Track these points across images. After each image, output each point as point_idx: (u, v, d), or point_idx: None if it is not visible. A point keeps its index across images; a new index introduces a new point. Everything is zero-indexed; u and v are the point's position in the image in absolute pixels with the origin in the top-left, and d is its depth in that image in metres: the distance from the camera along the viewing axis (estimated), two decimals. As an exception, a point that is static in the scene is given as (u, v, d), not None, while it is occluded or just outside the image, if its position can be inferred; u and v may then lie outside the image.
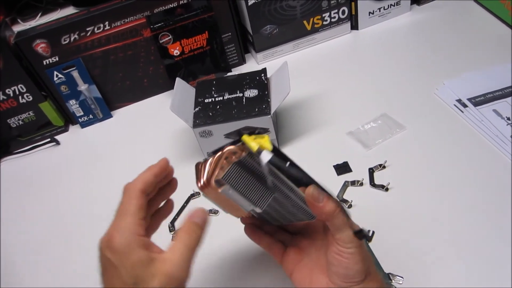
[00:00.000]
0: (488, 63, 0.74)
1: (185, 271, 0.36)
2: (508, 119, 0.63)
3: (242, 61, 0.88)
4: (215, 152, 0.41)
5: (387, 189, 0.58)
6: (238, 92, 0.67)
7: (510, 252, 0.49)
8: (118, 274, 0.35)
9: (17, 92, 0.76)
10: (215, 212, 0.61)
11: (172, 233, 0.60)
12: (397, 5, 0.88)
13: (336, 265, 0.40)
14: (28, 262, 0.62)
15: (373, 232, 0.54)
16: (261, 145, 0.39)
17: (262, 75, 0.69)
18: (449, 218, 0.54)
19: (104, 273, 0.37)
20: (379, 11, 0.88)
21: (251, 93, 0.66)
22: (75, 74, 0.78)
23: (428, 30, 0.85)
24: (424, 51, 0.80)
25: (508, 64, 0.72)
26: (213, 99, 0.67)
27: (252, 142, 0.39)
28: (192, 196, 0.64)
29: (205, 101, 0.67)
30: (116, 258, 0.35)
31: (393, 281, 0.49)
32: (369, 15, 0.88)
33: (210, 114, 0.65)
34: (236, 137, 0.41)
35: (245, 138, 0.40)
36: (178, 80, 0.69)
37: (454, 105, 0.68)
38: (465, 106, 0.67)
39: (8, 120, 0.79)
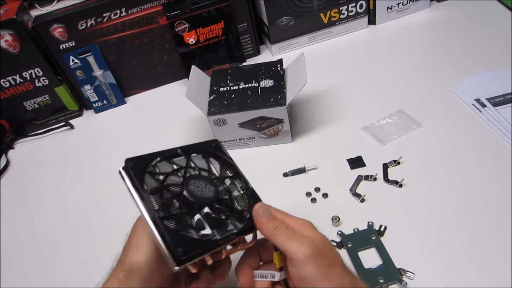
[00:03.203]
0: (508, 64, 0.72)
1: None
2: (527, 119, 0.62)
3: (257, 52, 0.88)
4: None
5: (401, 185, 0.58)
6: (253, 81, 0.67)
7: (525, 253, 0.49)
8: None
9: (34, 76, 0.77)
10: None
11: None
12: (416, 1, 0.87)
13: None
14: (40, 241, 0.63)
15: (385, 227, 0.53)
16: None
17: (278, 65, 0.69)
18: (462, 217, 0.53)
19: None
20: (398, 6, 0.87)
21: (267, 83, 0.66)
22: (91, 59, 0.78)
23: (447, 28, 0.84)
24: (442, 48, 0.79)
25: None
26: (228, 88, 0.67)
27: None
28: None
29: (220, 89, 0.67)
30: None
31: (404, 276, 0.48)
32: (387, 10, 0.87)
33: (225, 102, 0.64)
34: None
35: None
36: (194, 68, 0.69)
37: (472, 104, 0.67)
38: (483, 106, 0.66)
39: (24, 103, 0.80)
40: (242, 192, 0.44)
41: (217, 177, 0.43)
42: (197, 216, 0.38)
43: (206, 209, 0.39)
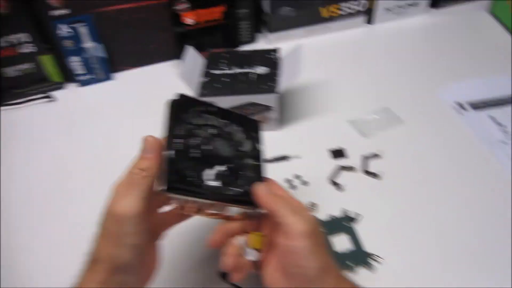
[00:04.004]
0: (491, 72, 0.75)
1: None
2: (503, 125, 0.66)
3: (253, 40, 0.89)
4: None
5: (378, 177, 0.61)
6: (248, 67, 0.68)
7: (492, 246, 0.52)
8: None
9: (21, 41, 0.72)
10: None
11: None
12: (414, 5, 0.89)
13: (290, 266, 0.37)
14: (11, 218, 0.60)
15: (360, 216, 0.56)
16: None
17: (275, 54, 0.70)
18: (432, 210, 0.56)
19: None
20: (396, 8, 0.89)
21: (261, 70, 0.68)
22: (84, 30, 0.75)
23: (440, 34, 0.86)
24: (433, 53, 0.82)
25: (509, 75, 0.74)
26: (222, 71, 0.68)
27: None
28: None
29: (215, 72, 0.68)
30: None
31: (372, 261, 0.51)
32: (385, 11, 0.89)
33: (217, 85, 0.66)
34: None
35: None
36: (190, 48, 0.70)
37: (454, 107, 0.70)
38: (464, 109, 0.69)
39: (4, 69, 0.74)
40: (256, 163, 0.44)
41: (242, 149, 0.44)
42: (209, 170, 0.39)
43: (220, 167, 0.40)
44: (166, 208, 0.43)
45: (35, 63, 0.76)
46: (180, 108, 0.42)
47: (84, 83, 0.82)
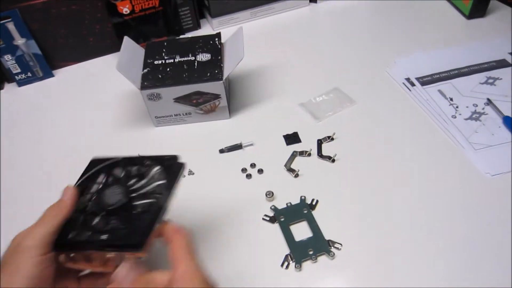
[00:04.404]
0: (438, 45, 0.76)
1: None
2: (451, 99, 0.66)
3: (197, 26, 0.85)
4: None
5: (333, 161, 0.59)
6: (190, 55, 0.64)
7: (448, 222, 0.52)
8: None
9: None
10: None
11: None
12: (356, -19, 0.88)
13: None
14: None
15: (317, 201, 0.55)
16: None
17: (216, 39, 0.67)
18: (389, 191, 0.56)
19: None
20: (339, -14, 0.88)
21: (204, 57, 0.64)
22: (11, 26, 0.71)
23: (386, 10, 0.86)
24: (380, 29, 0.81)
25: (455, 47, 0.75)
26: (163, 61, 0.64)
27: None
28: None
29: (155, 62, 0.64)
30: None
31: (332, 247, 0.50)
32: (328, -11, 0.87)
33: (160, 76, 0.62)
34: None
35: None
36: (126, 39, 0.65)
37: (403, 83, 0.69)
38: (413, 84, 0.69)
39: None
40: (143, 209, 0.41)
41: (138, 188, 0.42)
42: (97, 218, 0.40)
43: (105, 213, 0.40)
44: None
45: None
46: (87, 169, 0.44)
47: (22, 82, 0.78)
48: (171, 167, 0.42)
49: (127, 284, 0.36)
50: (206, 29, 0.86)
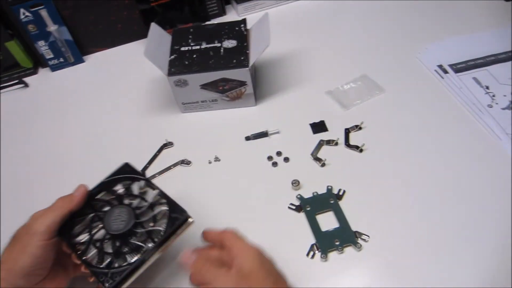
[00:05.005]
0: (473, 30, 0.72)
1: None
2: (487, 88, 0.63)
3: (222, 13, 0.84)
4: None
5: (361, 150, 0.58)
6: (216, 42, 0.64)
7: (482, 217, 0.50)
8: None
9: None
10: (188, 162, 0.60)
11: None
12: (387, -36, 0.85)
13: None
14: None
15: (344, 192, 0.54)
16: None
17: (242, 25, 0.66)
18: (417, 182, 0.54)
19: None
20: (369, -31, 0.84)
21: (230, 43, 0.63)
22: (44, 13, 0.72)
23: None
24: (410, 14, 0.78)
25: (491, 32, 0.71)
26: (190, 48, 0.64)
27: None
28: (164, 145, 0.62)
29: (181, 49, 0.64)
30: None
31: (359, 239, 0.49)
32: (358, -28, 0.84)
33: (186, 63, 0.62)
34: None
35: None
36: (153, 25, 0.65)
37: (435, 70, 0.67)
38: (445, 72, 0.66)
39: None
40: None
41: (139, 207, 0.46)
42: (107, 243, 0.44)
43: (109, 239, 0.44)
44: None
45: (2, 50, 0.75)
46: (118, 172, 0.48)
47: (55, 68, 0.80)
48: (176, 220, 0.45)
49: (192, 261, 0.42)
50: (231, 15, 0.85)
